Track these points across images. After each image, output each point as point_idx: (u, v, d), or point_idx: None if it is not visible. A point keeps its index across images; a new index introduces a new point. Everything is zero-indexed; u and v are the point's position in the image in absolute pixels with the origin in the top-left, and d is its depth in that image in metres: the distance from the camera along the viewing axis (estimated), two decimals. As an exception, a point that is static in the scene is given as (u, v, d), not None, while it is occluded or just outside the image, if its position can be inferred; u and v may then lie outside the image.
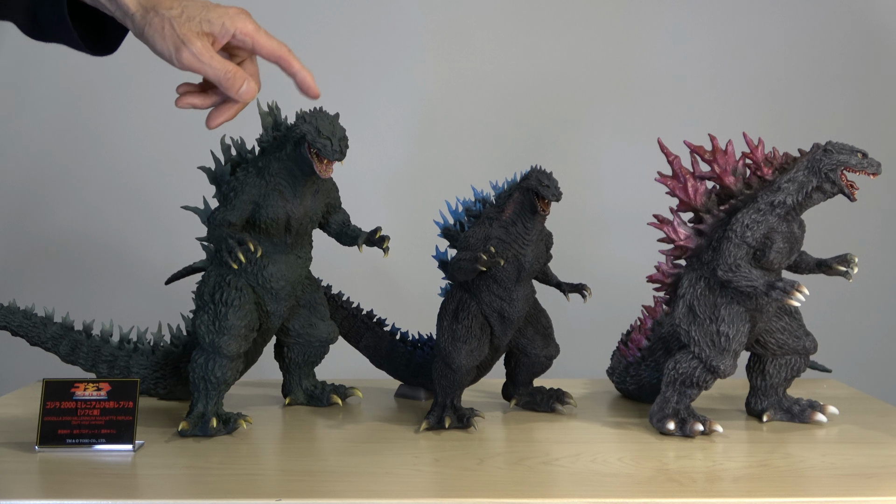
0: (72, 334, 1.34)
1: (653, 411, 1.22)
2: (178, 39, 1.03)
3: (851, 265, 1.24)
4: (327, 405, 1.36)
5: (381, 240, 1.24)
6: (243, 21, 1.06)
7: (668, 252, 1.25)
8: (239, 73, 1.05)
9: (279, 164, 1.17)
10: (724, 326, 1.19)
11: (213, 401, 1.19)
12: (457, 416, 1.23)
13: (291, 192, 1.18)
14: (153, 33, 1.03)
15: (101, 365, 1.33)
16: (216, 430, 1.17)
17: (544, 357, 1.31)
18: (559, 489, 1.00)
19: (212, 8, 1.06)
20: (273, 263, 1.21)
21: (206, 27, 1.04)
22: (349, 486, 0.99)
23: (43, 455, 1.10)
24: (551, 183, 1.18)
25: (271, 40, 1.07)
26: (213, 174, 1.22)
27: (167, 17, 1.03)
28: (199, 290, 1.22)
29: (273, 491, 0.97)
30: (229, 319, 1.18)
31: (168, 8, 1.03)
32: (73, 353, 1.34)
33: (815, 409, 1.27)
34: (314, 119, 1.14)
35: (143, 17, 1.03)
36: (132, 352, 1.34)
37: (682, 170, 1.24)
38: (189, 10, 1.04)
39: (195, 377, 1.19)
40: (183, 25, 1.03)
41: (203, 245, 1.26)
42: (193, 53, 1.03)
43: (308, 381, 1.37)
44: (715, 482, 1.01)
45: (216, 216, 1.18)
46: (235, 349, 1.19)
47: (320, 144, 1.12)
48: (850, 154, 1.16)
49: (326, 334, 1.32)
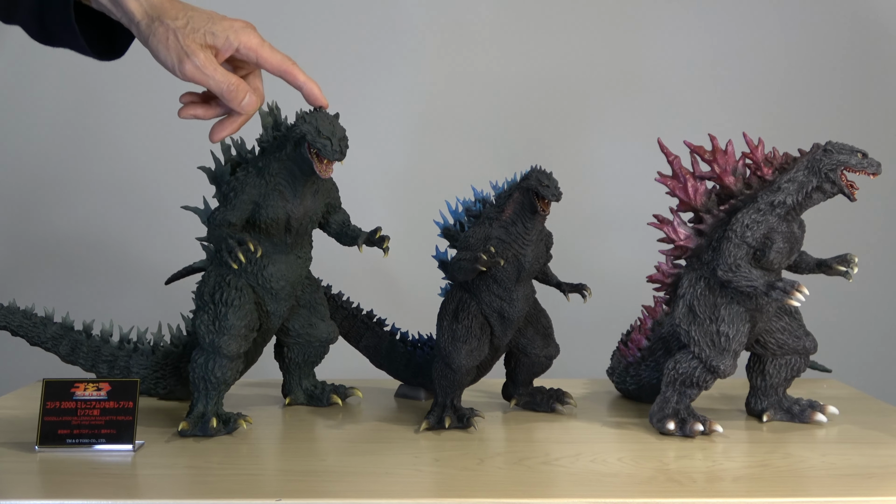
0: (72, 334, 1.34)
1: (653, 411, 1.22)
2: (182, 51, 1.03)
3: (851, 265, 1.24)
4: (327, 405, 1.36)
5: (381, 240, 1.23)
6: (248, 35, 1.07)
7: (668, 252, 1.25)
8: (241, 86, 1.06)
9: (279, 165, 1.17)
10: (724, 326, 1.19)
11: (213, 401, 1.19)
12: (457, 416, 1.23)
13: (291, 192, 1.18)
14: (157, 43, 1.04)
15: (101, 365, 1.33)
16: (216, 430, 1.17)
17: (544, 357, 1.31)
18: (559, 489, 1.00)
19: (217, 20, 1.06)
20: (273, 263, 1.21)
21: (209, 39, 1.05)
22: (349, 487, 0.99)
23: (43, 455, 1.10)
24: (551, 183, 1.18)
25: (275, 54, 1.08)
26: (213, 174, 1.22)
27: (171, 28, 1.03)
28: (198, 290, 1.22)
29: (273, 491, 0.97)
30: (229, 319, 1.18)
31: (173, 18, 1.04)
32: (73, 353, 1.33)
33: (815, 409, 1.27)
34: (314, 119, 1.13)
35: (147, 26, 1.04)
36: (132, 352, 1.34)
37: (682, 170, 1.24)
38: (194, 22, 1.04)
39: (195, 377, 1.19)
40: (187, 37, 1.03)
41: (203, 245, 1.26)
42: (196, 66, 1.04)
43: (308, 381, 1.37)
44: (715, 482, 1.01)
45: (216, 216, 1.17)
46: (235, 349, 1.18)
47: (320, 144, 1.12)
48: (850, 154, 1.16)
49: (326, 334, 1.32)
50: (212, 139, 1.11)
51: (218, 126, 1.10)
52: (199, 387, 1.19)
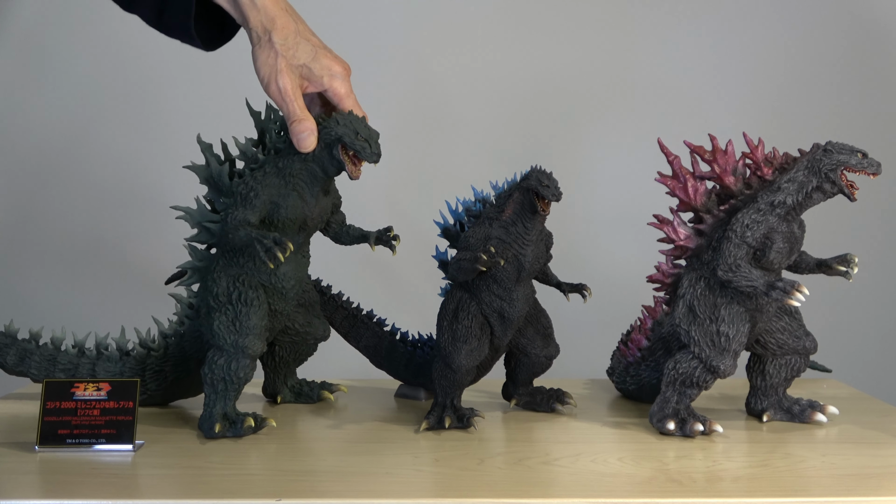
0: (18, 343, 1.29)
1: (653, 411, 1.22)
2: (275, 72, 1.12)
3: (851, 265, 1.24)
4: (318, 401, 1.37)
5: (393, 238, 1.25)
6: (339, 82, 1.16)
7: (668, 252, 1.25)
8: (304, 125, 1.14)
9: (302, 165, 1.17)
10: (724, 326, 1.19)
11: (231, 401, 1.18)
12: (457, 416, 1.23)
13: (309, 192, 1.18)
14: (259, 55, 1.13)
15: (58, 374, 1.28)
16: (253, 428, 1.18)
17: (544, 357, 1.31)
18: (559, 489, 1.00)
19: (320, 56, 1.15)
20: (286, 263, 1.21)
21: (304, 73, 1.14)
22: (349, 486, 0.99)
23: (43, 455, 1.10)
24: (551, 183, 1.18)
25: (357, 109, 1.18)
26: (208, 174, 1.19)
27: (276, 49, 1.12)
28: (205, 292, 1.20)
29: (273, 491, 0.97)
30: (251, 319, 1.17)
31: (282, 39, 1.12)
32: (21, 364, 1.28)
33: (815, 409, 1.27)
34: (349, 122, 1.15)
35: (258, 38, 1.12)
36: (96, 358, 1.29)
37: (682, 170, 1.24)
38: (299, 51, 1.13)
39: (214, 378, 1.17)
40: (285, 62, 1.12)
41: (191, 247, 1.22)
42: (279, 89, 1.12)
43: (291, 379, 1.38)
44: (715, 482, 1.01)
45: (235, 216, 1.15)
46: (259, 348, 1.18)
47: (359, 146, 1.14)
48: (850, 154, 1.16)
49: (322, 332, 1.33)
50: None
51: None
52: (219, 388, 1.17)
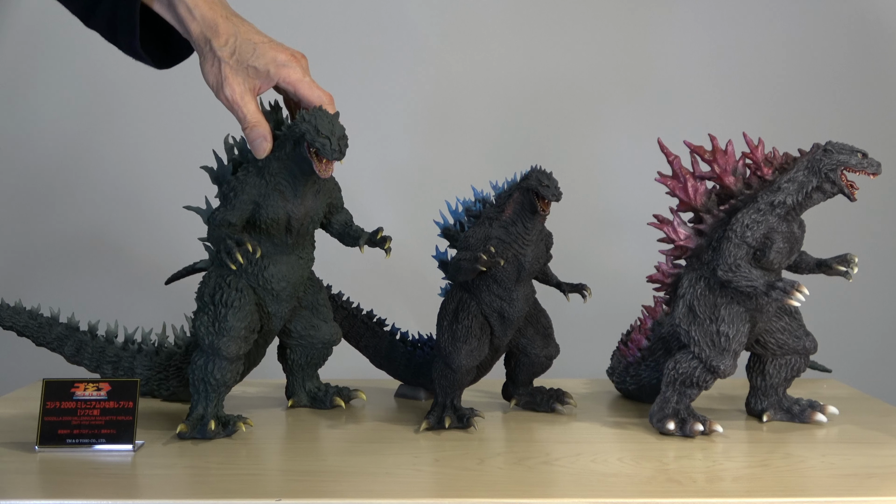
0: (77, 335, 1.34)
1: (653, 411, 1.22)
2: (222, 78, 1.11)
3: (851, 265, 1.24)
4: (330, 407, 1.35)
5: (383, 240, 1.23)
6: (288, 71, 1.13)
7: (668, 252, 1.25)
8: (256, 131, 1.13)
9: (279, 164, 1.16)
10: (724, 326, 1.19)
11: (212, 403, 1.18)
12: (457, 416, 1.23)
13: (292, 191, 1.17)
14: (204, 63, 1.12)
15: (106, 366, 1.33)
16: (215, 432, 1.17)
17: (544, 357, 1.31)
18: (559, 489, 1.00)
19: (263, 51, 1.13)
20: (274, 264, 1.21)
21: (252, 73, 1.12)
22: (349, 487, 0.99)
23: (43, 455, 1.10)
24: (551, 183, 1.18)
25: (314, 90, 1.15)
26: (216, 174, 1.21)
27: (218, 56, 1.11)
28: (199, 291, 1.22)
29: (273, 491, 0.97)
30: (229, 321, 1.17)
31: (222, 44, 1.11)
32: (78, 354, 1.33)
33: (815, 409, 1.27)
34: (313, 118, 1.12)
35: (200, 49, 1.12)
36: (136, 353, 1.33)
37: (682, 170, 1.24)
38: (240, 52, 1.12)
39: (194, 379, 1.18)
40: (230, 67, 1.11)
41: (206, 246, 1.26)
42: (227, 97, 1.12)
43: (311, 382, 1.36)
44: (715, 482, 1.01)
45: (216, 216, 1.17)
46: (235, 351, 1.18)
47: (319, 143, 1.11)
48: (850, 154, 1.16)
49: (329, 336, 1.31)
50: None
51: None
52: (199, 388, 1.18)
